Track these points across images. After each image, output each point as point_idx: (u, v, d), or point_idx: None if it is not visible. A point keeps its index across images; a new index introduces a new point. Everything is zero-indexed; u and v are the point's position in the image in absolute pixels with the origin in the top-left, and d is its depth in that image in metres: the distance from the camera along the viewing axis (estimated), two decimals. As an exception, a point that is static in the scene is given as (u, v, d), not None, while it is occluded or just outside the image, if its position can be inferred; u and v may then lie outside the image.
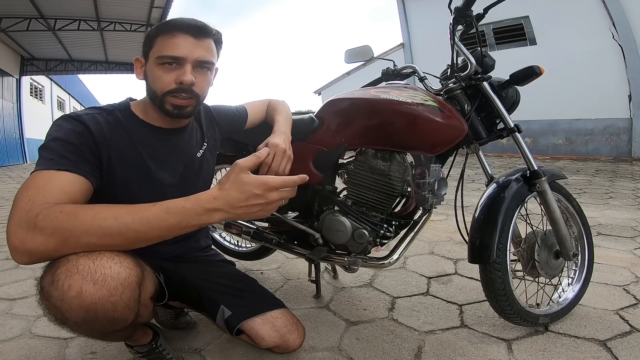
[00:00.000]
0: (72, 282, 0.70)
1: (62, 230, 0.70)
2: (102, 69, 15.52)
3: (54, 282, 0.71)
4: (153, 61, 0.93)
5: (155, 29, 0.94)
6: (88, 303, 0.71)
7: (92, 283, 0.71)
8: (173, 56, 0.91)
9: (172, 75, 0.92)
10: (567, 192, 1.36)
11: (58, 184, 0.77)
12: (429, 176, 1.19)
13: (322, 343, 1.22)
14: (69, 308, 0.71)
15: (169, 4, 10.38)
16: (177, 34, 0.91)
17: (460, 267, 1.86)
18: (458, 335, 1.25)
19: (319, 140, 1.33)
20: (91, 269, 0.72)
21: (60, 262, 0.73)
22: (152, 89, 0.95)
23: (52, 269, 0.73)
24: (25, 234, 0.69)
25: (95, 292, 0.71)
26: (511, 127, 1.20)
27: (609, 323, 1.27)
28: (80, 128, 0.86)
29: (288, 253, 1.58)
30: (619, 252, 2.03)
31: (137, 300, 0.81)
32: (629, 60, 8.08)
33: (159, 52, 0.91)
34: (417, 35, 11.80)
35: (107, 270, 0.73)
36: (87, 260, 0.72)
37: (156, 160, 1.00)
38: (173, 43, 0.91)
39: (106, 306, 0.73)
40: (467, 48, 1.24)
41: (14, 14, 9.92)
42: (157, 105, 0.96)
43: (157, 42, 0.93)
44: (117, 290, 0.74)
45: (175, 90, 0.93)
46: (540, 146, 9.46)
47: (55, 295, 0.71)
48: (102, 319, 0.74)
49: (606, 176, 5.41)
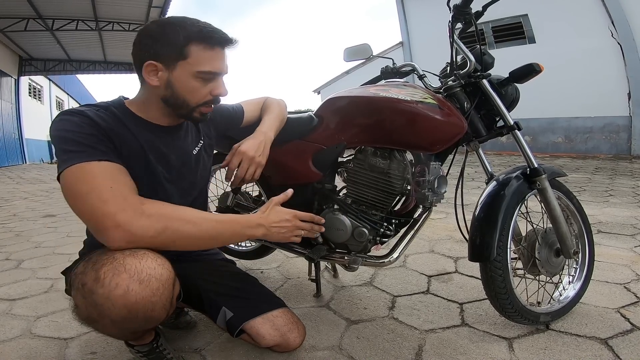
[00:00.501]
0: (120, 281, 0.73)
1: (165, 217, 0.82)
2: (100, 69, 15.51)
3: (99, 279, 0.73)
4: (190, 73, 0.91)
5: (188, 36, 0.89)
6: (132, 302, 0.74)
7: (139, 283, 0.75)
8: (214, 72, 0.94)
9: (207, 88, 0.95)
10: (568, 189, 1.36)
11: (119, 174, 0.84)
12: (429, 174, 1.18)
13: (322, 342, 1.22)
14: (112, 306, 0.73)
15: (167, 4, 10.38)
16: (216, 47, 0.93)
17: (461, 265, 1.86)
18: (459, 333, 1.24)
19: (318, 138, 1.33)
20: (138, 268, 0.76)
21: (105, 260, 0.76)
22: (182, 99, 0.94)
23: (95, 266, 0.76)
24: (132, 216, 0.78)
25: (140, 292, 0.75)
26: (511, 125, 1.20)
27: (610, 321, 1.27)
28: (91, 122, 0.86)
29: (288, 252, 1.57)
30: (620, 249, 2.02)
31: (171, 301, 0.85)
32: (628, 59, 8.10)
33: (199, 66, 0.91)
34: (416, 33, 11.81)
35: (152, 271, 0.78)
36: (134, 260, 0.77)
37: (156, 154, 0.99)
38: (213, 58, 0.93)
39: (147, 306, 0.76)
40: (466, 46, 1.24)
41: (11, 14, 9.91)
42: (182, 113, 0.98)
43: (192, 51, 0.89)
44: (158, 291, 0.78)
45: (209, 102, 0.98)
46: (540, 144, 9.47)
47: (101, 293, 0.73)
48: (140, 318, 0.77)
49: (606, 174, 5.42)
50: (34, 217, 3.51)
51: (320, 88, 15.27)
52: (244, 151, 1.14)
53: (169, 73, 0.91)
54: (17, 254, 2.28)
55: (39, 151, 15.85)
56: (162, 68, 0.91)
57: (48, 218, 3.42)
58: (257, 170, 1.17)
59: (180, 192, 1.06)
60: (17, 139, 14.01)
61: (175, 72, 0.91)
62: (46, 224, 3.16)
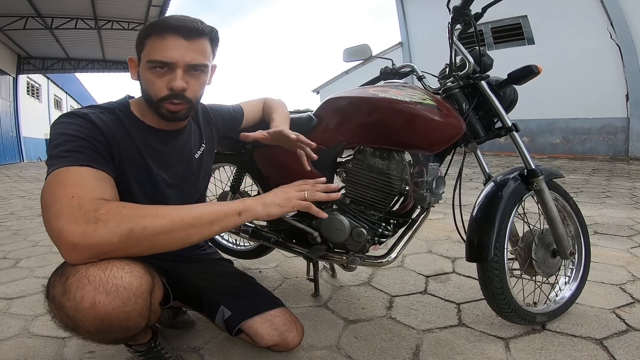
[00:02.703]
0: (85, 294, 0.70)
1: (127, 218, 0.72)
2: (99, 67, 15.46)
3: (66, 292, 0.70)
4: (144, 64, 0.89)
5: (145, 29, 0.89)
6: (102, 314, 0.71)
7: (105, 294, 0.71)
8: (162, 61, 0.87)
9: (164, 81, 0.89)
10: (564, 190, 1.37)
11: (92, 180, 0.77)
12: (427, 175, 1.19)
13: (320, 342, 1.22)
14: (82, 319, 0.71)
15: (167, 3, 10.34)
16: (167, 35, 0.86)
17: (458, 265, 1.86)
18: (456, 333, 1.25)
19: (317, 138, 1.33)
20: (102, 279, 0.71)
21: (70, 272, 0.72)
22: (146, 93, 0.93)
23: (62, 279, 0.72)
24: (85, 227, 0.69)
25: (108, 303, 0.71)
26: (509, 126, 1.20)
27: (605, 322, 1.28)
28: (90, 125, 0.85)
29: (286, 252, 1.58)
30: (616, 250, 2.03)
31: (149, 307, 0.81)
32: (626, 60, 8.11)
33: (149, 55, 0.88)
34: (416, 34, 11.82)
35: (118, 281, 0.73)
36: (97, 271, 0.71)
37: (157, 160, 0.99)
38: (163, 46, 0.86)
39: (120, 316, 0.73)
40: (465, 47, 1.24)
41: (10, 12, 9.87)
42: (153, 109, 0.94)
43: (147, 43, 0.88)
44: (129, 300, 0.74)
45: (168, 97, 0.90)
46: (537, 145, 9.49)
47: (69, 306, 0.70)
48: (116, 328, 0.74)
49: (603, 175, 5.43)
50: (32, 215, 3.50)
51: (320, 88, 15.28)
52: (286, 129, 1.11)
53: (139, 67, 0.93)
54: (14, 252, 2.28)
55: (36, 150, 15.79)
56: (137, 63, 0.93)
57: (46, 217, 3.41)
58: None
59: (182, 196, 1.06)
60: (15, 138, 13.95)
61: (140, 65, 0.92)
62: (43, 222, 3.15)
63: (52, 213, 0.71)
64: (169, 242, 0.77)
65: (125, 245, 0.72)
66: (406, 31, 12.04)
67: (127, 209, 0.74)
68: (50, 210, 0.72)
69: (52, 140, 0.82)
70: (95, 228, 0.69)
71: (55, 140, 0.81)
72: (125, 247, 0.73)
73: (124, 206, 0.75)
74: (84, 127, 0.84)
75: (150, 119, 0.99)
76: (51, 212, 0.71)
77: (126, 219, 0.72)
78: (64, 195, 0.72)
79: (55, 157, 0.79)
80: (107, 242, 0.70)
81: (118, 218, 0.71)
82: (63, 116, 0.87)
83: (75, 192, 0.73)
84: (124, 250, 0.73)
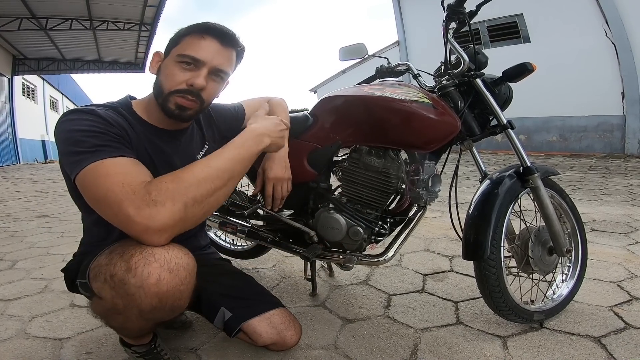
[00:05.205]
0: (152, 270, 0.74)
1: (177, 194, 0.76)
2: (95, 68, 15.39)
3: (131, 269, 0.73)
4: (173, 58, 0.93)
5: (187, 28, 0.95)
6: (164, 291, 0.75)
7: (169, 272, 0.75)
8: (194, 57, 0.91)
9: (185, 75, 0.92)
10: (560, 188, 1.37)
11: (131, 167, 0.80)
12: (423, 173, 1.19)
13: (318, 341, 1.22)
14: (144, 295, 0.74)
15: (162, 3, 10.29)
16: (207, 36, 0.92)
17: (456, 264, 1.87)
18: (454, 332, 1.25)
19: (313, 137, 1.33)
20: (167, 258, 0.76)
21: (134, 250, 0.75)
22: (160, 85, 0.95)
23: (124, 257, 0.75)
24: (149, 211, 0.73)
25: (170, 281, 0.76)
26: (504, 124, 1.21)
27: (603, 319, 1.28)
28: (101, 120, 0.86)
29: (283, 251, 1.58)
30: (613, 248, 2.04)
31: (194, 289, 0.85)
32: (622, 58, 8.16)
33: (182, 50, 0.92)
34: (412, 33, 11.85)
35: (179, 260, 0.78)
36: (161, 250, 0.76)
37: (161, 159, 1.00)
38: (199, 44, 0.92)
39: (176, 295, 0.77)
40: (460, 45, 1.24)
41: (4, 13, 9.81)
42: (159, 102, 0.96)
43: (184, 40, 0.93)
44: (185, 279, 0.79)
45: (183, 91, 0.93)
46: (534, 143, 9.53)
47: (133, 282, 0.73)
48: (168, 307, 0.78)
49: (600, 172, 5.46)
50: (28, 217, 3.48)
51: (317, 87, 15.29)
52: (275, 177, 1.19)
53: (163, 61, 0.96)
54: (11, 254, 2.26)
55: (32, 151, 15.72)
56: (162, 57, 0.97)
57: (42, 218, 3.40)
58: (289, 184, 1.23)
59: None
60: (11, 139, 13.88)
61: (167, 59, 0.96)
62: (40, 224, 3.14)
63: (110, 202, 0.74)
64: (220, 200, 0.85)
65: (187, 217, 0.78)
66: (403, 30, 12.08)
67: (169, 182, 0.77)
68: (107, 200, 0.74)
69: (67, 138, 0.82)
70: (157, 210, 0.73)
71: (72, 137, 0.82)
72: (189, 214, 0.78)
73: (166, 180, 0.78)
74: (96, 122, 0.84)
75: (153, 118, 1.00)
76: (109, 201, 0.74)
77: (177, 195, 0.76)
78: (114, 184, 0.75)
79: (82, 153, 0.79)
80: (172, 218, 0.75)
81: (171, 196, 0.75)
82: (69, 113, 0.87)
83: (123, 179, 0.76)
84: (189, 217, 0.78)
